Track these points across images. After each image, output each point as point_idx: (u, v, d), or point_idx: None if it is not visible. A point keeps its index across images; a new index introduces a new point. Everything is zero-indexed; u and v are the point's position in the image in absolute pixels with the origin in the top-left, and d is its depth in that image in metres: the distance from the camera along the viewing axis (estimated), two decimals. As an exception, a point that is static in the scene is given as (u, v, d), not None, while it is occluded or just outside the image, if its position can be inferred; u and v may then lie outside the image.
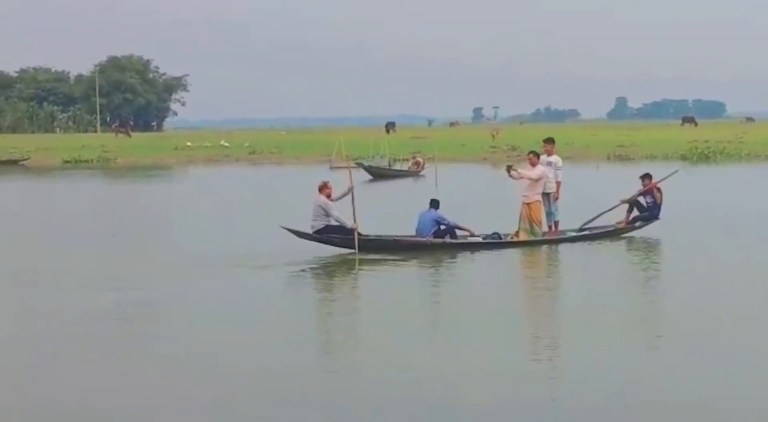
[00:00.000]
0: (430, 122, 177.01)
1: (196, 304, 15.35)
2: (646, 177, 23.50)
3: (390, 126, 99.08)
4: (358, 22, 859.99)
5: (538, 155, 22.38)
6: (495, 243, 21.27)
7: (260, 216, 29.02)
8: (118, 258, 20.87)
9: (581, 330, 12.97)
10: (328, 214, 20.08)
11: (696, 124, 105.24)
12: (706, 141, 70.80)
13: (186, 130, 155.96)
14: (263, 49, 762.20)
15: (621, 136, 78.69)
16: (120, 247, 22.75)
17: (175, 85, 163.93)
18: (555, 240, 21.84)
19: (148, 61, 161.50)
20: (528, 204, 21.66)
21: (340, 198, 20.64)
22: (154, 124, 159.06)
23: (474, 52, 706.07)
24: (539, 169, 21.95)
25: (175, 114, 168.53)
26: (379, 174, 49.61)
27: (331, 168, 56.77)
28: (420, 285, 17.50)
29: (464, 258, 19.95)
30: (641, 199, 23.30)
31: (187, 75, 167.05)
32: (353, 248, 20.07)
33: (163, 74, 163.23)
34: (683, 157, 62.66)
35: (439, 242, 20.74)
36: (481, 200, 30.03)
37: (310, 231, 20.26)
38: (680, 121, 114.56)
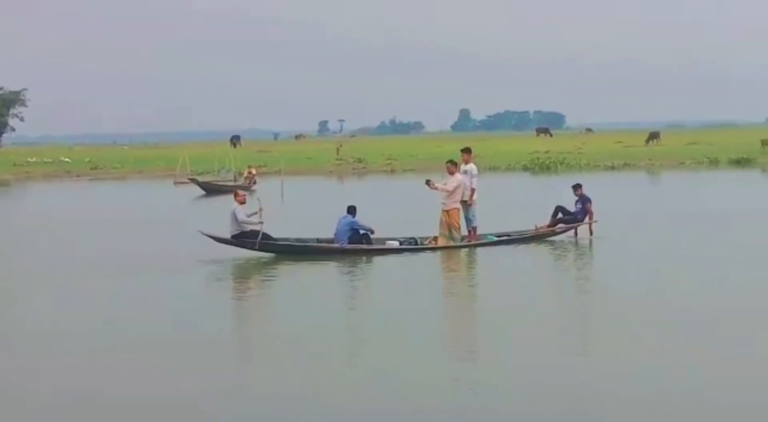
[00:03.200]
0: (276, 135, 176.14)
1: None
2: (577, 187, 24.23)
3: (235, 140, 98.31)
4: (202, 38, 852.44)
5: (455, 164, 23.15)
6: (415, 248, 21.87)
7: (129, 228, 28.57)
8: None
9: (500, 335, 12.99)
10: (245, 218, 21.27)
11: (551, 135, 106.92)
12: (547, 152, 72.29)
13: (25, 146, 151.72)
14: (104, 64, 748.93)
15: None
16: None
17: (13, 99, 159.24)
18: (473, 244, 22.28)
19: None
20: (447, 211, 22.40)
21: (250, 217, 21.41)
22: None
23: (318, 65, 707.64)
24: (457, 179, 22.72)
25: (13, 129, 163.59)
26: (212, 189, 49.08)
27: (175, 183, 56.18)
28: (334, 291, 17.71)
29: (383, 263, 20.33)
30: (571, 204, 24.00)
31: (25, 89, 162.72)
32: (268, 251, 21.09)
33: (0, 89, 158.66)
34: (525, 168, 63.81)
35: (347, 248, 21.31)
36: (325, 212, 30.10)
37: (228, 236, 21.33)
38: (534, 132, 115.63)
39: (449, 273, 19.82)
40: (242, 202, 21.61)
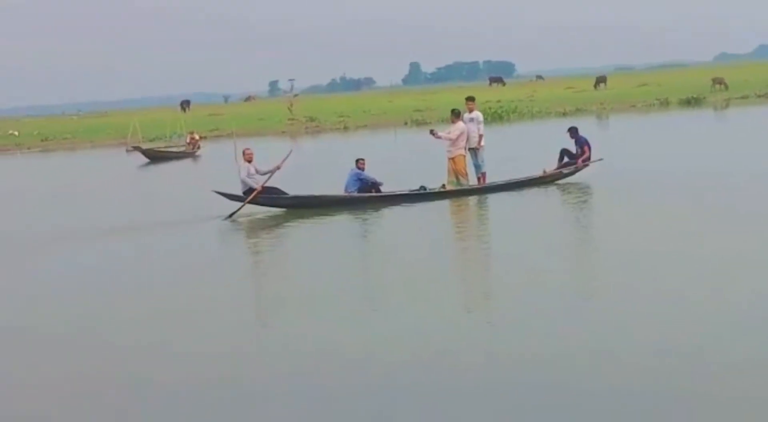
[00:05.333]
0: (226, 98, 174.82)
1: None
2: (574, 131, 24.37)
3: (185, 104, 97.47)
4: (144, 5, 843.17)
5: (458, 114, 23.78)
6: (423, 194, 22.19)
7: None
8: None
9: (514, 281, 13.06)
10: (250, 176, 21.76)
11: (504, 84, 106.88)
12: (499, 101, 72.27)
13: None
14: (46, 31, 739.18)
15: (416, 101, 79.61)
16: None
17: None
18: (481, 189, 22.78)
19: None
20: (452, 158, 23.12)
21: (267, 173, 21.93)
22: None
23: (267, 25, 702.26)
24: (459, 127, 23.40)
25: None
26: (156, 157, 48.51)
27: (127, 151, 55.66)
28: (350, 240, 18.22)
29: (396, 211, 20.84)
30: (573, 148, 24.20)
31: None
32: (281, 207, 21.83)
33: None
34: (478, 118, 63.66)
35: (357, 197, 21.78)
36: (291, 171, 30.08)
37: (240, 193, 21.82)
38: (487, 82, 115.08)
39: (460, 218, 20.28)
40: (249, 160, 21.95)
